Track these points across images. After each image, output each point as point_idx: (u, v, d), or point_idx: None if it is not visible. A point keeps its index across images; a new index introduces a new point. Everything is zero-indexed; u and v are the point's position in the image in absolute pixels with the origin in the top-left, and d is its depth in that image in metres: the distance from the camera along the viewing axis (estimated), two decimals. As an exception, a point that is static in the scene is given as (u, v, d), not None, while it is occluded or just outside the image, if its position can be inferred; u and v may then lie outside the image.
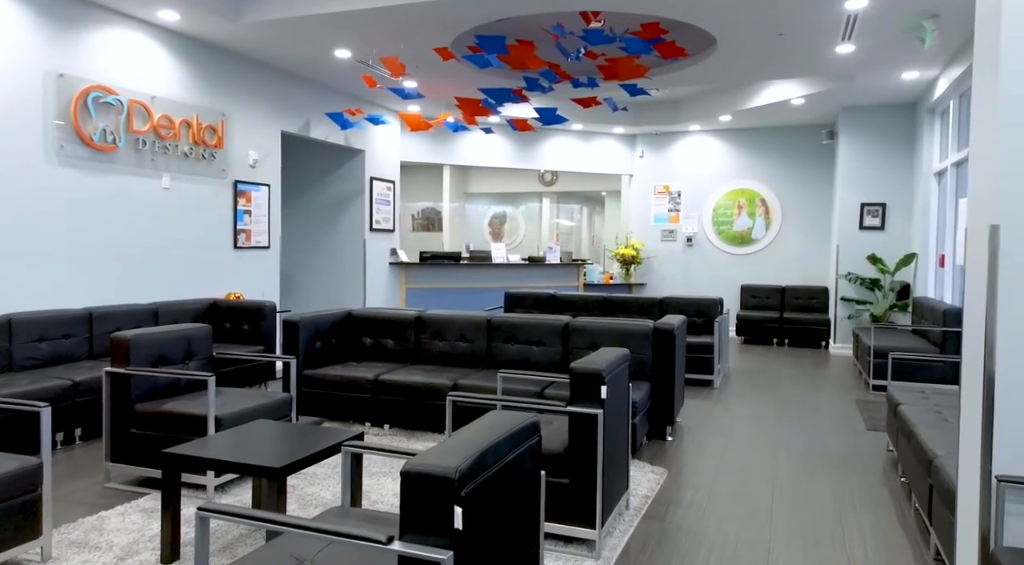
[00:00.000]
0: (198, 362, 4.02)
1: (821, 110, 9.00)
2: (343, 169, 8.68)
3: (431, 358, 5.12)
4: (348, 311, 5.34)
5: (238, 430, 3.10)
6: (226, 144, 6.44)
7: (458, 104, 7.08)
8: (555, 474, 2.99)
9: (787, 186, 10.23)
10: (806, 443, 4.80)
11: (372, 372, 4.74)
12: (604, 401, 2.91)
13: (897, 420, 4.03)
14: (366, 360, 5.23)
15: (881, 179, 8.70)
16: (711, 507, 3.59)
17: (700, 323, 7.15)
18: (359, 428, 4.76)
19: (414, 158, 10.03)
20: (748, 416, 5.51)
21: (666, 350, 4.67)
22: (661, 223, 10.98)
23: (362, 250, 8.62)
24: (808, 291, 9.87)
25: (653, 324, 4.72)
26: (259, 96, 6.87)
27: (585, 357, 3.09)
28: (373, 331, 5.26)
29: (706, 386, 6.67)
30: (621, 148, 11.11)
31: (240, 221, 6.62)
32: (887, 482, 4.05)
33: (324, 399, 4.75)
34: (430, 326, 5.13)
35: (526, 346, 4.93)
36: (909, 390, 4.40)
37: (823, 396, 6.34)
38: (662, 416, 4.72)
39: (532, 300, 7.81)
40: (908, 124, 8.59)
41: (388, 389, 4.62)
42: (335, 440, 2.84)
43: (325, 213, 8.79)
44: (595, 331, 4.77)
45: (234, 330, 6.01)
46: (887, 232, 8.69)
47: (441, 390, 4.51)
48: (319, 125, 7.72)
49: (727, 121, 9.84)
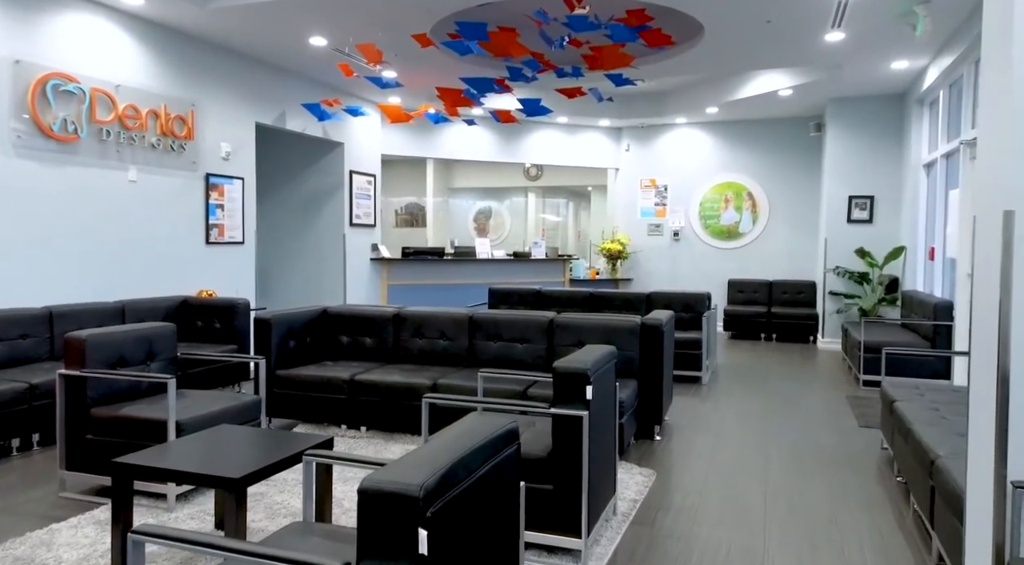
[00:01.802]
0: (161, 363, 3.80)
1: (809, 102, 8.88)
2: (322, 162, 8.45)
3: (410, 357, 4.92)
4: (324, 308, 5.13)
5: (199, 436, 2.89)
6: (196, 135, 6.20)
7: (439, 95, 6.87)
8: (538, 480, 2.80)
9: (774, 179, 10.11)
10: (797, 441, 4.66)
11: (348, 372, 4.54)
12: (589, 402, 2.73)
13: (893, 418, 3.89)
14: (343, 359, 5.03)
15: (869, 172, 8.59)
16: (702, 511, 3.43)
17: (688, 318, 7.00)
18: (334, 431, 4.56)
19: (395, 151, 9.80)
20: (738, 413, 5.37)
21: (654, 347, 4.51)
22: (647, 217, 10.83)
23: (342, 246, 8.39)
24: (796, 285, 9.76)
25: (640, 320, 4.55)
26: (231, 86, 6.62)
27: (569, 355, 2.91)
28: (350, 329, 5.05)
29: (694, 383, 6.52)
30: (607, 141, 10.94)
31: (212, 215, 6.37)
32: (882, 482, 3.91)
33: (298, 400, 4.54)
34: (409, 323, 4.93)
35: (509, 344, 4.74)
36: (903, 386, 4.27)
37: (813, 392, 6.21)
38: (650, 415, 4.56)
39: (517, 296, 7.63)
40: (896, 115, 8.48)
41: (364, 389, 4.42)
42: (300, 447, 2.64)
43: (303, 208, 8.55)
44: (581, 328, 4.60)
45: (206, 329, 5.77)
46: (875, 225, 8.58)
47: (420, 390, 4.31)
48: (295, 116, 7.49)
49: (714, 113, 9.70)
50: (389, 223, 15.09)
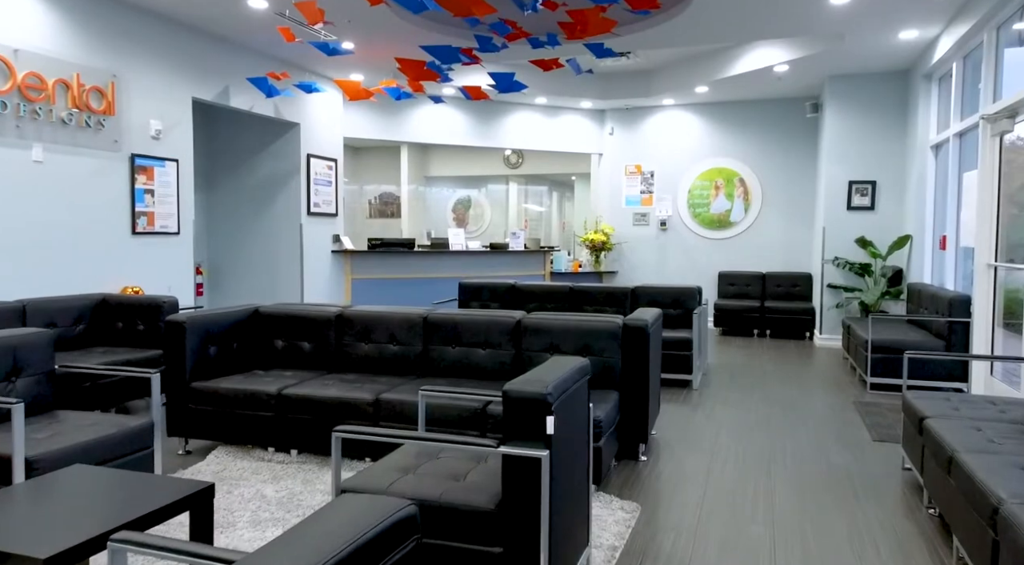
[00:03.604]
0: (31, 379, 3.07)
1: (806, 80, 8.22)
2: (276, 145, 7.69)
3: (355, 364, 4.22)
4: (255, 308, 4.40)
5: (37, 483, 2.18)
6: (119, 110, 5.43)
7: (400, 67, 6.14)
8: (483, 540, 2.12)
9: (768, 164, 9.46)
10: (804, 459, 4.01)
11: (276, 384, 3.83)
12: (551, 438, 2.05)
13: (924, 438, 3.25)
14: (277, 367, 4.31)
15: (871, 155, 7.96)
16: (697, 556, 2.76)
17: (676, 315, 6.34)
18: (260, 454, 3.84)
19: (360, 134, 9.06)
20: (734, 424, 4.71)
21: (639, 351, 3.83)
22: (633, 206, 10.16)
23: (299, 237, 7.65)
24: (791, 278, 9.14)
25: (622, 321, 3.87)
26: (162, 56, 5.86)
27: (527, 374, 2.23)
28: (286, 332, 4.34)
29: (684, 387, 5.86)
30: (589, 124, 10.24)
31: (139, 202, 5.62)
32: (911, 513, 3.26)
33: (217, 418, 3.83)
34: (354, 325, 4.23)
35: (470, 349, 4.05)
36: (931, 398, 3.62)
37: (816, 397, 5.57)
38: (634, 432, 3.89)
39: (489, 291, 6.94)
40: (900, 94, 7.84)
41: (294, 405, 3.71)
42: (153, 504, 1.94)
43: (257, 195, 7.79)
44: (553, 330, 3.91)
45: (127, 331, 5.04)
46: (878, 212, 7.95)
47: (360, 406, 3.61)
48: (241, 92, 6.72)
49: (703, 93, 9.02)
50: (362, 213, 14.36)
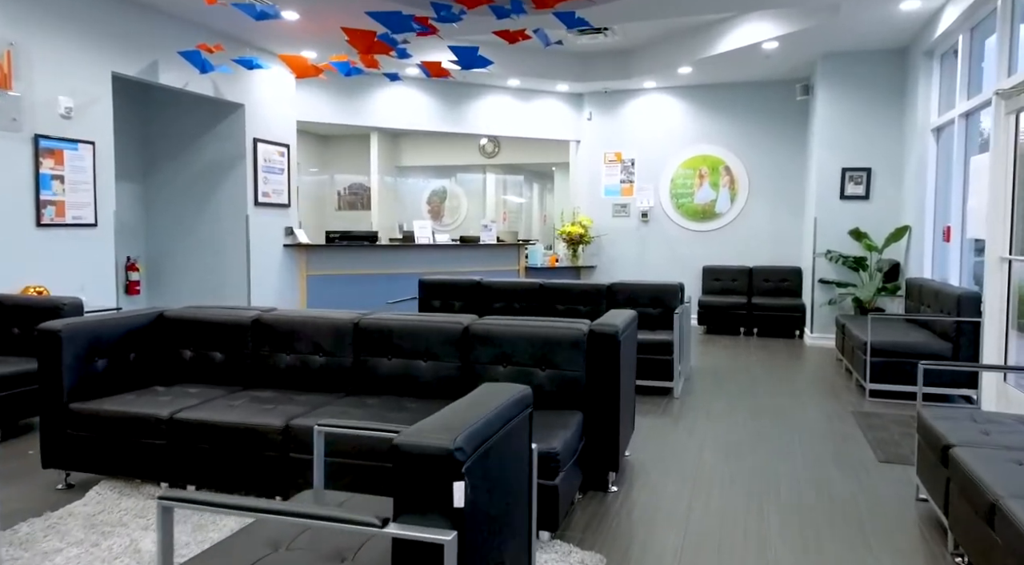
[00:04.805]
0: None
1: (796, 59, 7.63)
2: (219, 128, 7.00)
3: (276, 378, 3.58)
4: (159, 312, 3.75)
5: None
6: (17, 85, 4.73)
7: (348, 39, 5.48)
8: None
9: (756, 151, 8.88)
10: (801, 487, 3.43)
11: (172, 406, 3.18)
12: (462, 511, 1.43)
13: (950, 471, 2.67)
14: (183, 382, 3.66)
15: (866, 139, 7.40)
16: (673, 637, 2.16)
17: (656, 314, 5.75)
18: (151, 490, 3.20)
19: (317, 118, 8.38)
20: (719, 441, 4.13)
21: (608, 363, 3.22)
22: (612, 196, 9.55)
23: (244, 229, 6.98)
24: (780, 272, 8.58)
25: (588, 327, 3.26)
26: (72, 23, 5.15)
27: (430, 418, 1.61)
28: (195, 341, 3.69)
29: (664, 395, 5.27)
30: (566, 109, 9.61)
31: (46, 189, 4.93)
32: (932, 559, 2.68)
33: (100, 447, 3.18)
34: (274, 332, 3.58)
35: (409, 361, 3.42)
36: (952, 418, 3.04)
37: (810, 406, 5.00)
38: (603, 459, 3.29)
39: (452, 289, 6.32)
40: (899, 73, 7.27)
41: (190, 432, 3.07)
42: None
43: (199, 183, 7.10)
44: (505, 339, 3.29)
45: (23, 337, 4.36)
46: (873, 202, 7.40)
47: (267, 434, 2.98)
48: (172, 67, 6.02)
49: (687, 75, 8.42)
50: (331, 205, 13.66)
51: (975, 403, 5.03)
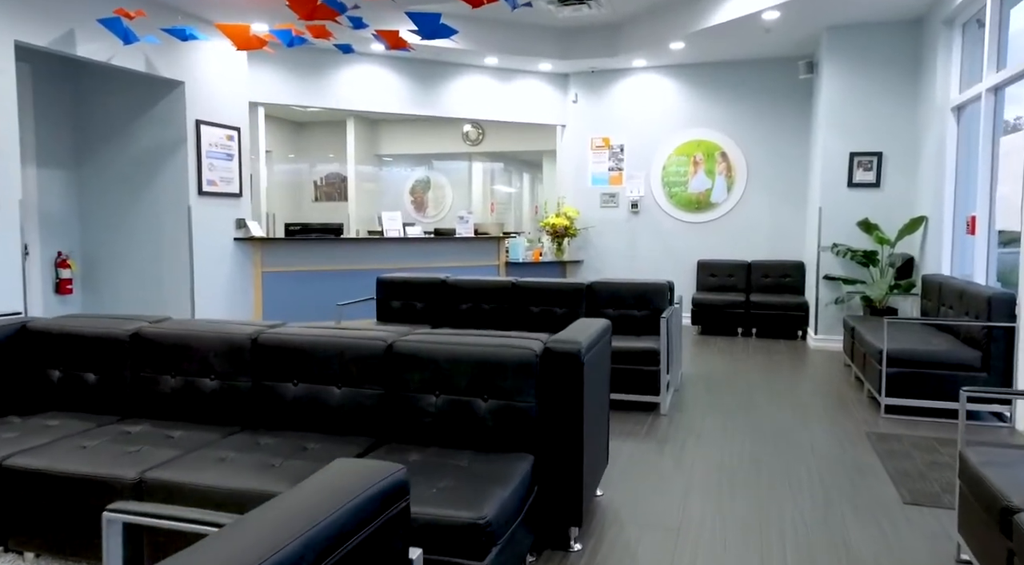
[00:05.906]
0: None
1: (799, 33, 6.91)
2: (157, 109, 6.28)
3: (159, 406, 2.89)
4: (22, 323, 3.05)
5: None
6: None
7: (288, 2, 4.77)
8: None
9: (754, 135, 8.17)
10: (812, 536, 2.75)
11: (6, 447, 2.49)
12: None
13: (1015, 544, 1.99)
14: (48, 409, 2.98)
15: (876, 121, 6.69)
16: None
17: (641, 317, 5.06)
18: (-20, 557, 2.52)
19: (275, 99, 7.65)
20: (711, 474, 3.45)
21: (568, 390, 2.54)
22: (600, 185, 8.84)
23: (187, 221, 6.27)
24: (781, 267, 7.89)
25: (543, 345, 2.57)
26: (-36, -18, 4.43)
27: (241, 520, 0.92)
28: (65, 358, 3.00)
29: (649, 412, 4.59)
30: (551, 91, 8.89)
31: (-75, 176, 4.22)
32: (989, 662, 2.01)
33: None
34: (159, 349, 2.89)
35: (320, 386, 2.73)
36: (1006, 463, 2.36)
37: (817, 425, 4.32)
38: (561, 510, 2.61)
39: (414, 288, 5.64)
40: (913, 46, 6.55)
41: (21, 483, 2.38)
42: None
43: (136, 170, 6.39)
44: (439, 360, 2.60)
45: None
46: (884, 190, 6.70)
47: (116, 488, 2.29)
48: (92, 38, 5.29)
49: (680, 51, 7.69)
50: (307, 196, 12.95)
51: (1008, 421, 4.36)
